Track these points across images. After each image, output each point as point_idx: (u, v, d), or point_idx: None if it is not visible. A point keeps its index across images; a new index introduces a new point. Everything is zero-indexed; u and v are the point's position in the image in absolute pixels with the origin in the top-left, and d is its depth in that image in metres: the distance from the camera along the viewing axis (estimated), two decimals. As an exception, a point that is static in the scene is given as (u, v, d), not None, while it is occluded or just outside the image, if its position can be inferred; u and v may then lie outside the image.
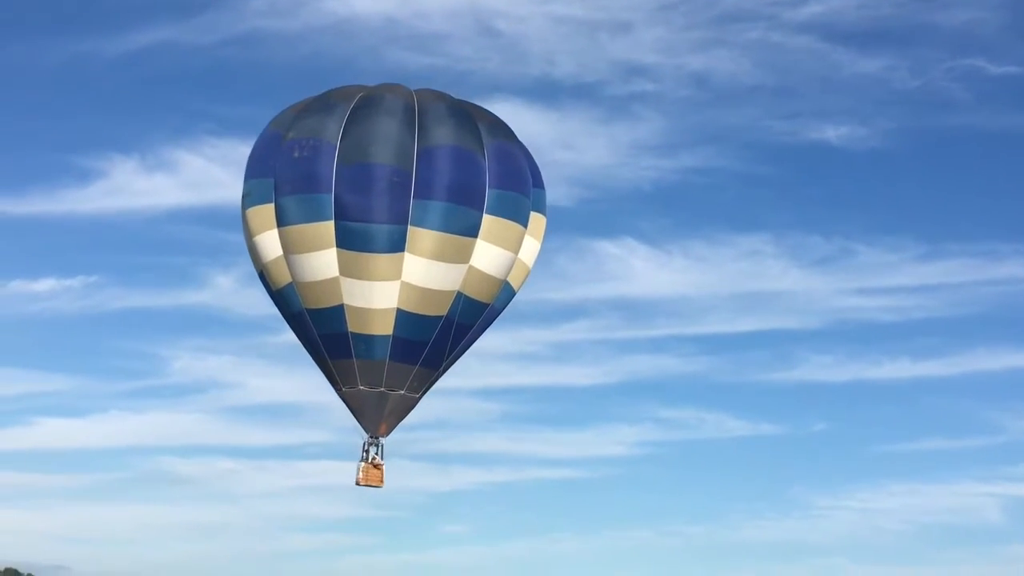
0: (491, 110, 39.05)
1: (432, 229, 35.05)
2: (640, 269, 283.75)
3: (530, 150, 39.22)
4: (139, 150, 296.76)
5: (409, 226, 34.77)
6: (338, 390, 37.65)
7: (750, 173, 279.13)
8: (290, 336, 39.08)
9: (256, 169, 36.76)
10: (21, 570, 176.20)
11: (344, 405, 37.81)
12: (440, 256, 35.36)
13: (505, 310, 40.29)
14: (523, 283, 39.18)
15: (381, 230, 34.75)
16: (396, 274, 35.08)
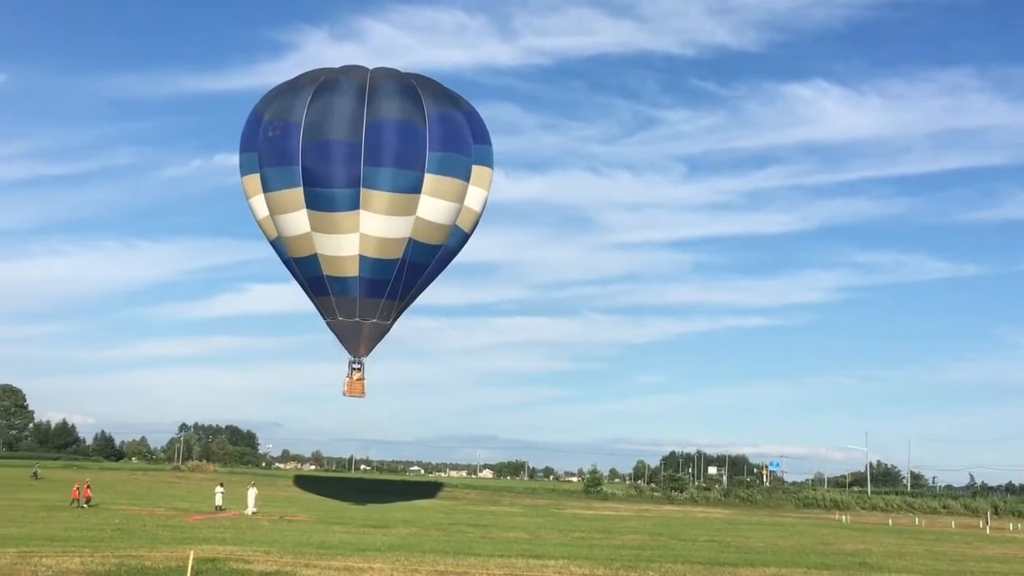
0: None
1: (381, 190, 41.76)
2: (833, 111, 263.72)
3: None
4: (327, 20, 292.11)
5: (362, 188, 41.65)
6: (325, 321, 45.63)
7: (950, 3, 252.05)
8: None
9: (245, 144, 44.39)
10: (241, 427, 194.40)
11: (332, 333, 45.81)
12: (390, 211, 42.12)
13: (692, 156, 42.58)
14: (475, 225, 45.86)
15: (340, 193, 41.73)
16: (355, 227, 42.18)
